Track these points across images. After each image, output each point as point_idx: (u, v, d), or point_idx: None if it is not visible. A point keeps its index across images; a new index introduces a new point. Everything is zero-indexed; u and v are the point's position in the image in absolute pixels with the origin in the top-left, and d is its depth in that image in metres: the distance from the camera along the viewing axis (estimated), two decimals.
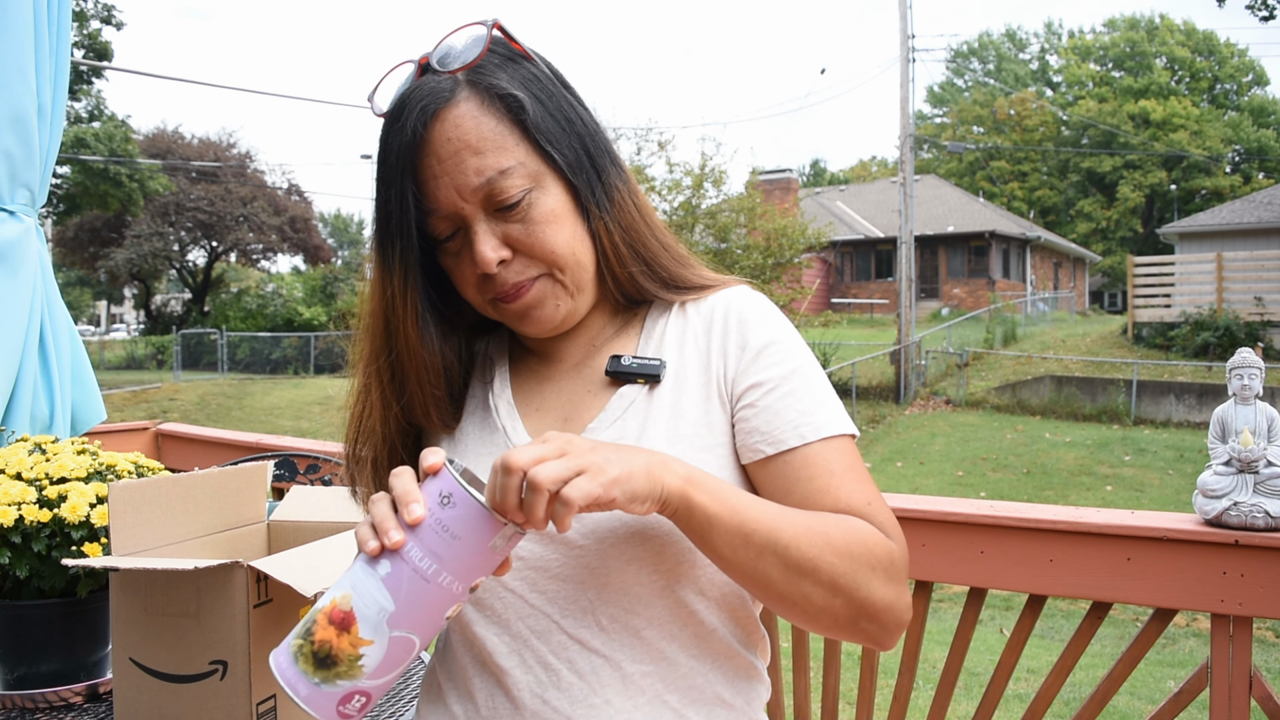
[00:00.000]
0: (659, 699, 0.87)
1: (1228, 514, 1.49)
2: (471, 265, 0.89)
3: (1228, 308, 16.42)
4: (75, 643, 1.34)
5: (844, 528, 0.82)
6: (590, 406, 0.95)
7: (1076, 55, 46.85)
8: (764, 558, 0.79)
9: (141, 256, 28.31)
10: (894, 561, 0.84)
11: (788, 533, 0.79)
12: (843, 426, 0.90)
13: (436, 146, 0.86)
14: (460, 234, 0.90)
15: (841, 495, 0.86)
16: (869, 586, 0.82)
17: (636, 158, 17.29)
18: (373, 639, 0.71)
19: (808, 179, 58.24)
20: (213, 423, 16.31)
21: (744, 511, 0.79)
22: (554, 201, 0.89)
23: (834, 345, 18.75)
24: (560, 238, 0.89)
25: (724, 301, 0.97)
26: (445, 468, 0.73)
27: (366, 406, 0.97)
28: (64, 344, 2.22)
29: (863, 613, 0.82)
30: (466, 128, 0.86)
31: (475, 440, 0.97)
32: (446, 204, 0.87)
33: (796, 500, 0.87)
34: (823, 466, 0.87)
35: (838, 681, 1.82)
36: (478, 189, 0.86)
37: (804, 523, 0.81)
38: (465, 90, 0.87)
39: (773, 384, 0.91)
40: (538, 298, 0.91)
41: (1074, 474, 11.86)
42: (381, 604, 0.71)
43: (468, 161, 0.86)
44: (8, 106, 1.99)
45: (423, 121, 0.86)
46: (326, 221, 53.07)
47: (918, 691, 3.00)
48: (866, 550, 0.82)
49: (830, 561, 0.80)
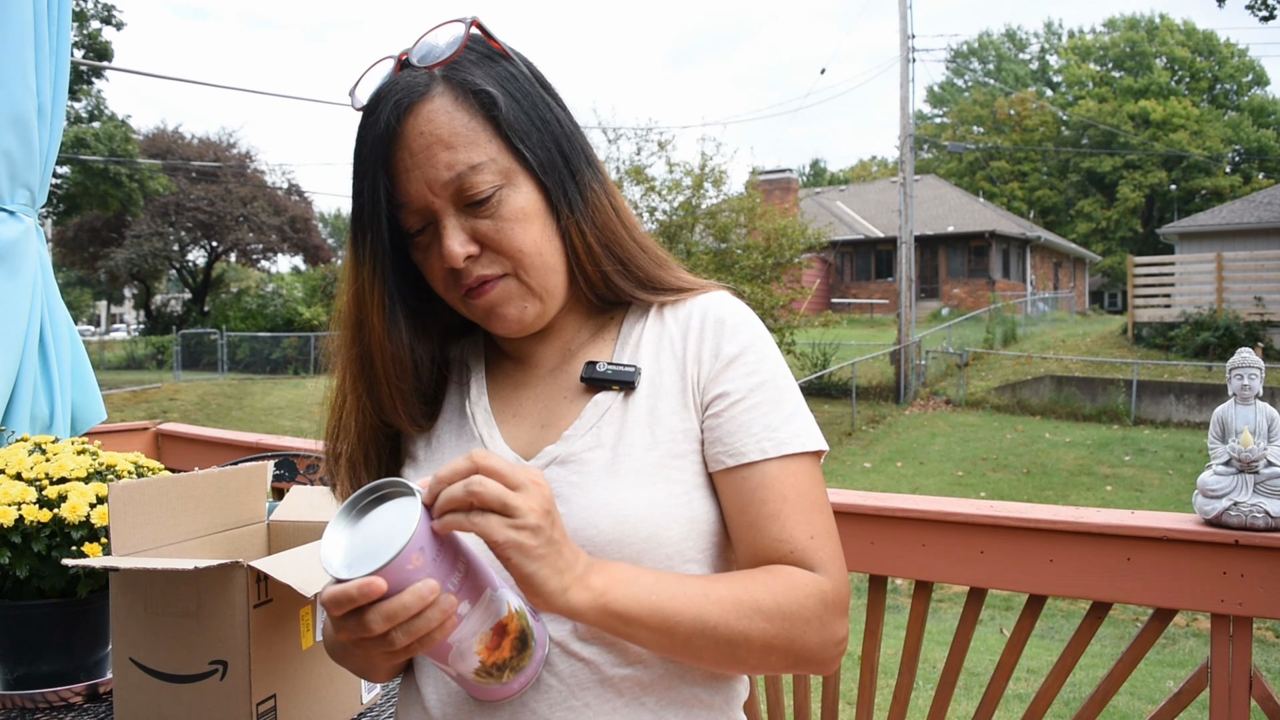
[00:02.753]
0: (637, 701, 0.87)
1: (1228, 514, 1.49)
2: (440, 260, 0.89)
3: (1228, 308, 16.42)
4: (75, 643, 1.34)
5: (773, 589, 0.85)
6: (566, 414, 0.95)
7: (1076, 55, 46.86)
8: (692, 642, 0.82)
9: (141, 256, 28.31)
10: (827, 605, 0.86)
11: (713, 614, 0.82)
12: (806, 443, 0.91)
13: (409, 140, 0.86)
14: (430, 229, 0.90)
15: (788, 525, 0.88)
16: (802, 640, 0.85)
17: (636, 158, 17.28)
18: (483, 621, 0.77)
19: (808, 179, 58.24)
20: (213, 423, 16.31)
21: (666, 606, 0.80)
22: (524, 200, 0.89)
23: (834, 345, 18.74)
24: (528, 236, 0.90)
25: (701, 307, 0.96)
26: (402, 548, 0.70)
27: (341, 399, 0.97)
28: (64, 344, 2.22)
29: (799, 661, 0.87)
30: (439, 122, 0.86)
31: (452, 447, 0.97)
32: (417, 197, 0.87)
33: (749, 520, 0.89)
34: (777, 490, 0.89)
35: (838, 681, 1.82)
36: (448, 183, 0.86)
37: (730, 597, 0.83)
38: (440, 86, 0.88)
39: (740, 395, 0.91)
40: (501, 297, 0.91)
41: (1074, 474, 11.86)
42: (477, 629, 0.76)
43: (439, 156, 0.86)
44: (8, 106, 1.99)
45: (396, 115, 0.86)
46: (326, 221, 53.03)
47: (918, 691, 3.00)
48: (798, 605, 0.85)
49: (761, 628, 0.83)
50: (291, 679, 1.21)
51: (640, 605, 0.79)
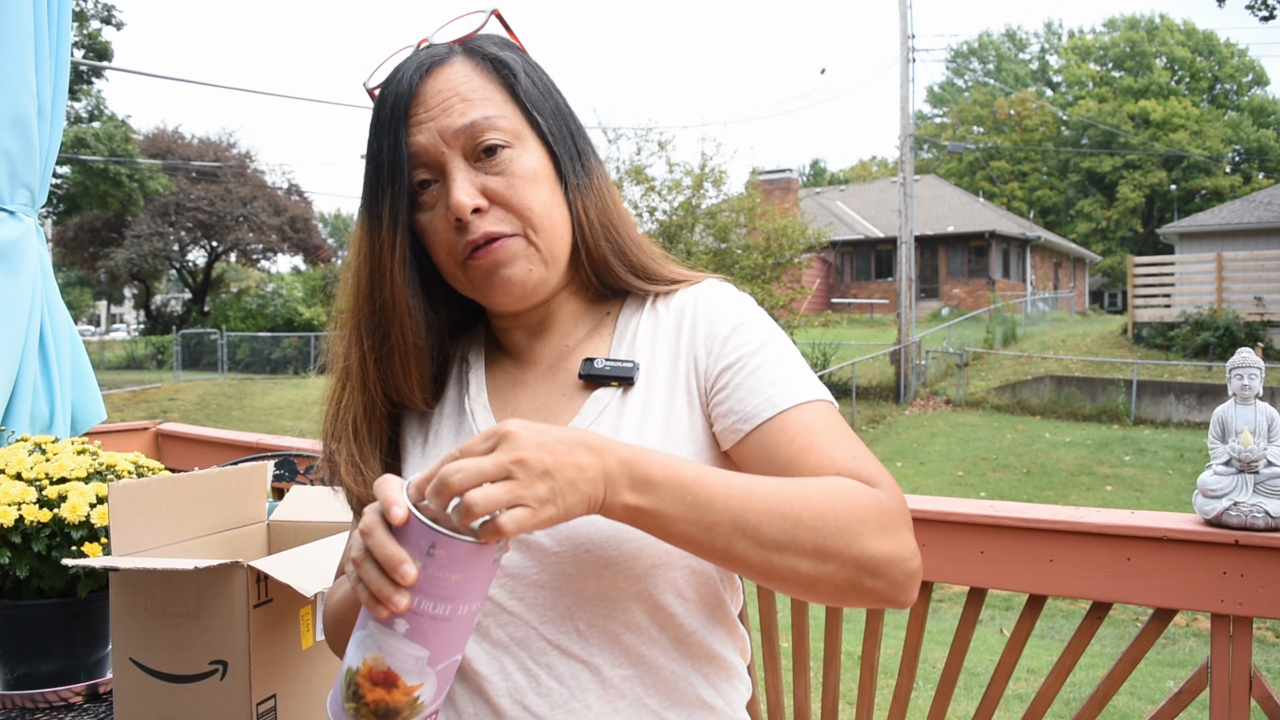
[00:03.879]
0: (639, 702, 0.87)
1: (1228, 514, 1.49)
2: (445, 215, 0.89)
3: (1228, 308, 16.42)
4: (75, 643, 1.34)
5: (822, 489, 0.78)
6: (565, 410, 0.95)
7: (1076, 55, 46.86)
8: (734, 542, 0.75)
9: (141, 256, 28.31)
10: (886, 511, 0.79)
11: (755, 511, 0.75)
12: (817, 393, 0.89)
13: (427, 97, 0.89)
14: (437, 185, 0.90)
15: (826, 451, 0.83)
16: (860, 543, 0.76)
17: (636, 158, 17.30)
18: (421, 681, 0.71)
19: (808, 179, 58.20)
20: (213, 423, 16.31)
21: (703, 503, 0.74)
22: (534, 162, 0.91)
23: (834, 345, 18.74)
24: (538, 196, 0.91)
25: (693, 296, 0.97)
26: (414, 517, 0.69)
27: (345, 375, 0.96)
28: (64, 344, 2.22)
29: (863, 571, 0.77)
30: (458, 80, 0.90)
31: (450, 443, 0.97)
32: (430, 147, 0.88)
33: (780, 466, 0.84)
34: (802, 427, 0.85)
35: (838, 681, 1.82)
36: (460, 130, 0.88)
37: (775, 495, 0.76)
38: (460, 53, 0.92)
39: (743, 361, 0.91)
40: (509, 255, 0.90)
41: (1074, 474, 11.86)
42: (415, 655, 0.71)
43: (454, 106, 0.89)
44: (8, 106, 1.99)
45: (418, 76, 0.90)
46: (326, 221, 53.04)
47: (918, 691, 2.99)
48: (852, 505, 0.78)
49: (810, 528, 0.75)
50: (291, 679, 1.21)
51: (675, 501, 0.74)
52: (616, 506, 0.73)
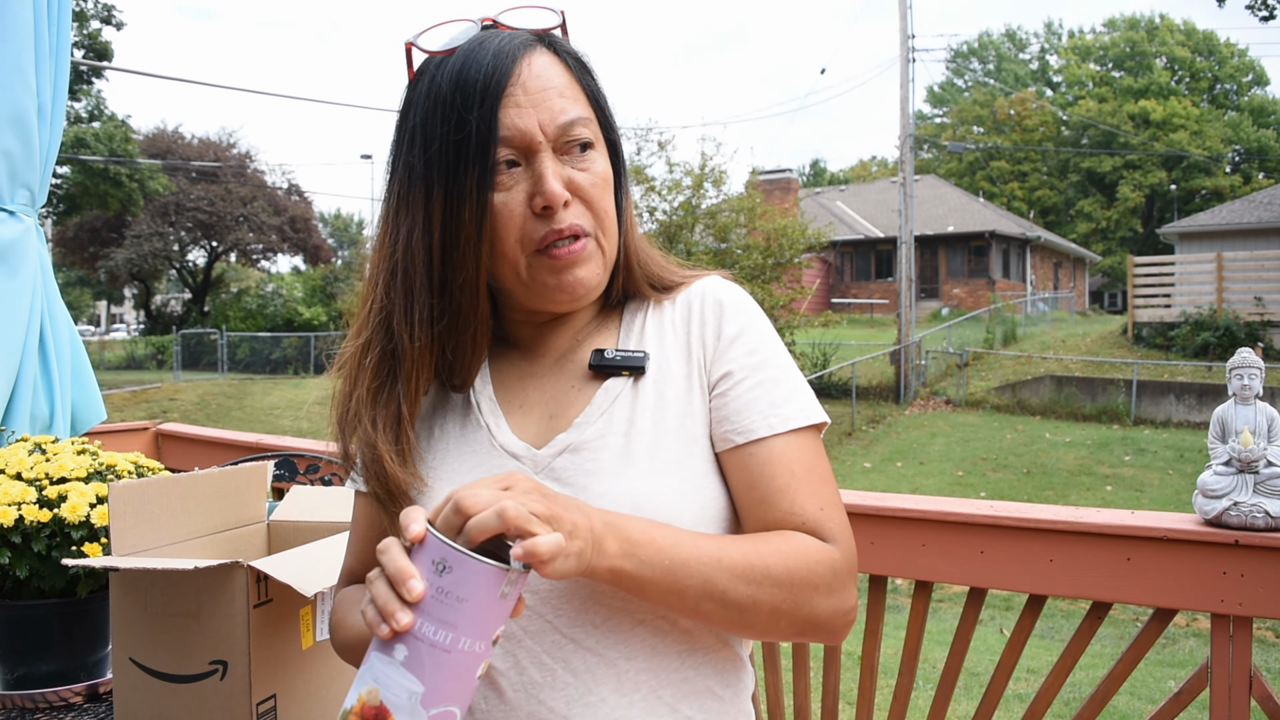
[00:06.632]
0: (653, 694, 0.88)
1: (1228, 514, 1.49)
2: (525, 201, 0.88)
3: (1228, 308, 16.42)
4: (75, 643, 1.34)
5: (784, 554, 0.85)
6: (575, 401, 0.95)
7: (1076, 55, 46.85)
8: (702, 604, 0.82)
9: (141, 256, 28.31)
10: (835, 573, 0.87)
11: (723, 577, 0.82)
12: (810, 417, 0.93)
13: (525, 80, 0.88)
14: (521, 169, 0.89)
15: (798, 499, 0.89)
16: (809, 606, 0.86)
17: (636, 158, 17.28)
18: None
19: (808, 179, 58.23)
20: (213, 423, 16.31)
21: (679, 568, 0.80)
22: (605, 167, 0.93)
23: (834, 345, 18.74)
24: (608, 201, 0.93)
25: (699, 291, 0.99)
26: (429, 533, 0.70)
27: (390, 367, 0.93)
28: (64, 344, 2.22)
29: (808, 626, 0.87)
30: (552, 73, 0.90)
31: (457, 440, 0.96)
32: (526, 131, 0.87)
33: (759, 495, 0.90)
34: (785, 465, 0.90)
35: (838, 681, 1.82)
36: (561, 125, 0.89)
37: (740, 562, 0.83)
38: (545, 46, 0.92)
39: (743, 374, 0.93)
40: (586, 256, 0.91)
41: (1074, 474, 11.86)
42: (410, 688, 0.69)
43: (554, 100, 0.89)
44: (8, 106, 1.99)
45: (513, 57, 0.88)
46: (326, 221, 53.06)
47: (918, 691, 3.00)
48: (807, 572, 0.85)
49: (769, 593, 0.84)
50: (291, 679, 1.21)
51: (653, 568, 0.80)
52: (601, 569, 0.78)
